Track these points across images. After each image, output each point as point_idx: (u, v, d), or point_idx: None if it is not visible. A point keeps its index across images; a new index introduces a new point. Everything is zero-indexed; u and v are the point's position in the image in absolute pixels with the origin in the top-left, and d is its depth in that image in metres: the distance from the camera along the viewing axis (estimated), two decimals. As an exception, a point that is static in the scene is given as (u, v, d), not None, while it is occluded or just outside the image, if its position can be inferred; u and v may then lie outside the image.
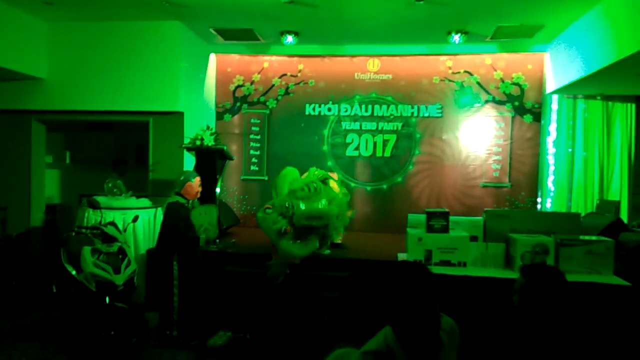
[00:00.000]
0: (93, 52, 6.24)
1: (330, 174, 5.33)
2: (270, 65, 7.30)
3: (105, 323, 3.88)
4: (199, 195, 4.61)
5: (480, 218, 4.64)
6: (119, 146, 7.98)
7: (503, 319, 2.65)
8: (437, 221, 4.34)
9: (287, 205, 4.59)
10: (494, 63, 6.89)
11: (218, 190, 5.49)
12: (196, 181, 4.54)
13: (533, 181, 6.88)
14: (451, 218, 4.44)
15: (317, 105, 7.21)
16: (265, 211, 4.73)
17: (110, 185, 5.79)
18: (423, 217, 4.50)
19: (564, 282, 2.03)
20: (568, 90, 6.47)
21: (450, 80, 6.98)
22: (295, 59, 7.23)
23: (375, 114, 7.10)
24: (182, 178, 4.52)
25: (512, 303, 2.21)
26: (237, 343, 4.21)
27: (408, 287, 1.65)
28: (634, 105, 6.57)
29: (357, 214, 6.73)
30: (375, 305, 1.72)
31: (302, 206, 4.64)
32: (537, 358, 1.99)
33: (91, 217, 5.45)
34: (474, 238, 4.47)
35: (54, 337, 4.48)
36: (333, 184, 5.15)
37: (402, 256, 4.53)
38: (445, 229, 4.32)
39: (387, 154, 7.06)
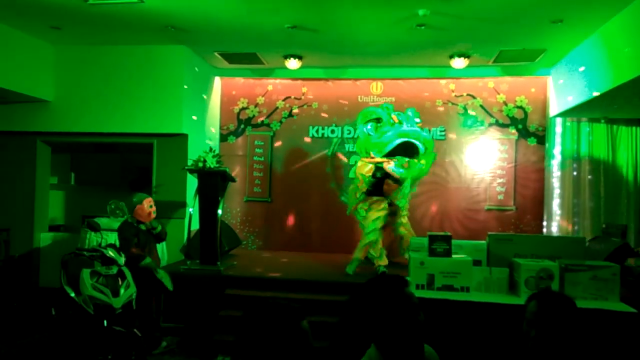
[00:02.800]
0: (99, 75, 6.33)
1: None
2: (275, 88, 7.37)
3: (103, 347, 3.83)
4: (153, 216, 4.80)
5: (483, 242, 4.57)
6: (124, 168, 8.03)
7: (508, 345, 2.59)
8: (440, 245, 4.28)
9: None
10: (497, 86, 6.91)
11: (220, 212, 5.48)
12: (145, 203, 4.74)
13: (538, 204, 6.81)
14: (454, 242, 4.38)
15: (320, 127, 7.24)
16: None
17: (112, 206, 5.79)
18: (426, 240, 4.45)
19: (576, 310, 1.98)
20: (572, 114, 6.46)
21: (453, 104, 6.99)
22: (299, 82, 7.29)
23: (378, 137, 7.09)
24: (134, 200, 4.75)
25: (517, 329, 2.15)
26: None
27: (386, 298, 1.65)
28: (638, 129, 6.53)
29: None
30: (362, 324, 1.70)
31: None
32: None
33: (93, 238, 5.47)
34: (477, 262, 4.39)
35: (52, 361, 4.43)
36: None
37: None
38: (448, 253, 4.26)
39: (391, 176, 7.03)
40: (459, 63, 6.20)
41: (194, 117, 6.60)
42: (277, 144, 7.34)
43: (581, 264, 4.09)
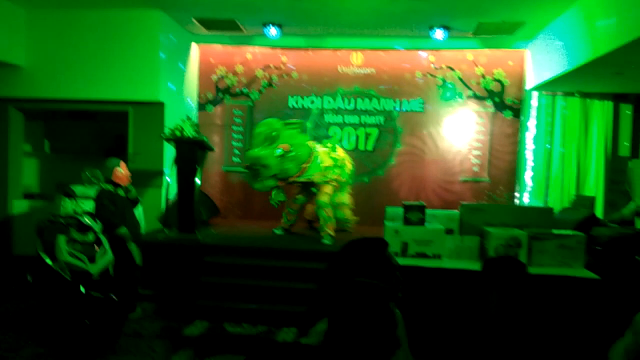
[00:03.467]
0: (72, 40, 6.15)
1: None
2: (254, 56, 7.27)
3: (80, 312, 3.86)
4: (130, 180, 4.86)
5: (456, 212, 4.70)
6: (100, 136, 7.88)
7: (470, 310, 2.71)
8: (414, 214, 4.39)
9: None
10: (476, 59, 6.95)
11: (198, 181, 5.47)
12: (122, 166, 4.81)
13: (511, 176, 6.98)
14: (428, 211, 4.49)
15: (300, 98, 7.21)
16: None
17: (88, 174, 5.70)
18: (401, 210, 4.54)
19: (523, 273, 2.08)
20: (547, 87, 6.56)
21: (432, 75, 7.02)
22: (279, 50, 7.21)
23: (358, 108, 7.13)
24: (109, 165, 4.78)
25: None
26: (214, 333, 4.23)
27: (370, 257, 1.77)
28: (611, 103, 6.69)
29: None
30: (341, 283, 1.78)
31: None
32: (499, 345, 2.04)
33: (68, 206, 5.40)
34: (450, 231, 4.52)
35: (29, 327, 4.45)
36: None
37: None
38: (421, 222, 4.37)
39: (370, 147, 7.10)
40: (438, 34, 6.20)
41: (171, 85, 6.49)
42: (256, 113, 7.29)
43: (548, 232, 4.24)
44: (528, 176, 6.86)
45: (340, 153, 5.98)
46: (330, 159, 5.74)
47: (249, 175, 5.33)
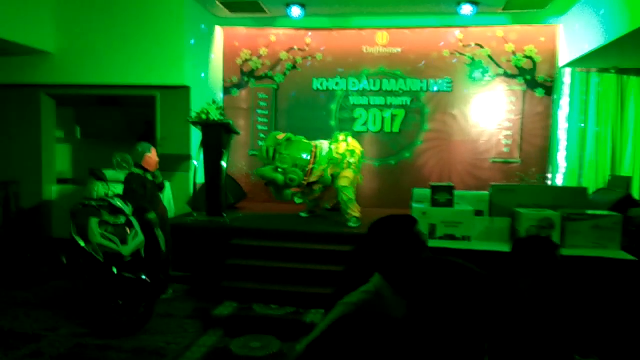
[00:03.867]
0: (100, 25, 6.22)
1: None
2: (278, 38, 7.22)
3: (113, 293, 3.97)
4: (157, 166, 4.87)
5: (486, 193, 4.61)
6: (129, 122, 8.02)
7: (502, 292, 2.64)
8: (442, 195, 4.32)
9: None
10: (506, 35, 6.73)
11: (224, 164, 5.51)
12: (153, 152, 4.80)
13: (544, 157, 6.78)
14: (457, 193, 4.43)
15: (324, 80, 7.13)
16: None
17: (119, 159, 5.82)
18: (428, 191, 4.49)
19: (554, 254, 2.01)
20: (581, 64, 6.30)
21: (460, 54, 6.83)
22: (303, 32, 7.13)
23: (383, 89, 7.01)
24: (140, 150, 4.75)
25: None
26: (243, 313, 4.28)
27: (397, 234, 1.77)
28: (649, 79, 6.39)
29: (365, 190, 6.72)
30: (369, 257, 1.79)
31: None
32: (527, 329, 1.99)
33: (100, 190, 5.54)
34: (479, 213, 4.45)
35: (65, 307, 4.60)
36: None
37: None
38: (449, 203, 4.31)
39: (396, 129, 6.99)
40: (467, 10, 6.02)
41: (196, 69, 6.52)
42: (281, 96, 7.26)
43: (582, 213, 4.13)
44: (561, 157, 6.65)
45: (351, 142, 5.75)
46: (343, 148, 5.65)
47: (272, 188, 5.52)
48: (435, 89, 6.90)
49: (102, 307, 3.96)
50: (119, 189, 5.35)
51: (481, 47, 6.77)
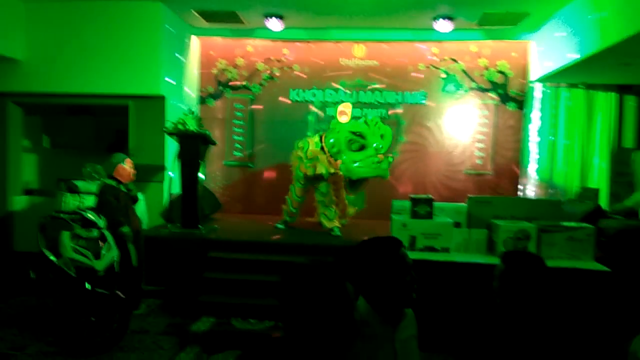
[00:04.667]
0: (71, 33, 6.07)
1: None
2: (255, 49, 7.19)
3: (85, 309, 3.81)
4: (133, 178, 4.75)
5: (463, 205, 4.66)
6: (99, 131, 7.80)
7: (484, 303, 2.66)
8: (422, 207, 4.34)
9: None
10: (480, 50, 6.89)
11: (202, 176, 5.41)
12: (127, 163, 4.68)
13: (515, 169, 6.94)
14: (435, 204, 4.46)
15: (301, 91, 7.14)
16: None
17: (89, 169, 5.64)
18: (407, 203, 4.50)
19: (543, 268, 2.03)
20: (551, 79, 6.51)
21: (435, 67, 6.96)
22: (280, 43, 7.13)
23: (360, 100, 7.06)
24: (113, 160, 4.64)
25: (493, 288, 2.22)
26: (221, 329, 4.19)
27: (384, 258, 1.72)
28: (615, 95, 6.64)
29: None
30: (352, 279, 1.75)
31: None
32: (516, 342, 2.00)
33: (70, 202, 5.34)
34: (457, 224, 4.49)
35: (32, 324, 4.40)
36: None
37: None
38: (429, 215, 4.33)
39: (372, 140, 7.02)
40: (442, 25, 6.14)
41: (171, 79, 6.41)
42: (258, 107, 7.22)
43: (557, 225, 4.21)
44: (532, 169, 6.83)
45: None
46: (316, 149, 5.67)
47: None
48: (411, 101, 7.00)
49: (73, 324, 3.80)
50: (90, 200, 5.19)
51: (455, 61, 6.92)
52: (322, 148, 5.55)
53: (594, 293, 3.83)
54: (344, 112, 5.54)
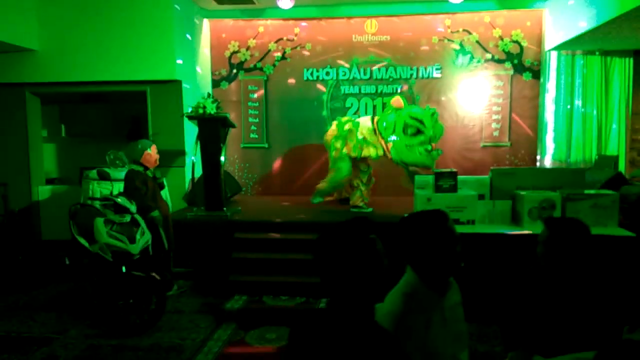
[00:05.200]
0: (85, 22, 6.08)
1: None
2: (266, 29, 7.16)
3: (123, 292, 3.93)
4: (157, 163, 4.83)
5: (486, 177, 4.70)
6: (115, 118, 7.86)
7: (520, 271, 2.73)
8: (446, 181, 4.40)
9: None
10: (493, 21, 6.82)
11: (223, 159, 5.47)
12: (153, 149, 4.76)
13: (532, 139, 6.93)
14: (458, 178, 4.50)
15: (315, 70, 7.12)
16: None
17: (112, 157, 5.74)
18: (430, 177, 4.56)
19: (588, 235, 2.08)
20: (567, 47, 6.45)
21: (449, 40, 6.91)
22: (291, 22, 7.08)
23: (374, 77, 7.05)
24: (139, 147, 4.69)
25: (524, 256, 2.27)
26: (254, 306, 4.30)
27: (435, 230, 1.74)
28: (631, 60, 6.58)
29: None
30: (401, 253, 1.80)
31: None
32: (561, 306, 2.07)
33: (96, 189, 5.45)
34: (481, 197, 4.54)
35: (70, 308, 4.54)
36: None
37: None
38: (453, 189, 4.39)
39: (387, 117, 7.03)
40: (455, -3, 6.07)
41: (186, 63, 6.43)
42: (271, 88, 7.23)
43: (581, 193, 4.26)
44: (549, 138, 6.82)
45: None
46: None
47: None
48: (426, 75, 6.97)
49: (113, 306, 3.92)
50: (114, 187, 5.30)
51: (469, 32, 6.86)
52: (374, 130, 5.59)
53: (621, 257, 3.89)
54: (399, 103, 5.55)
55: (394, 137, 5.44)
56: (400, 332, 1.64)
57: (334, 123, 5.99)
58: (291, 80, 7.17)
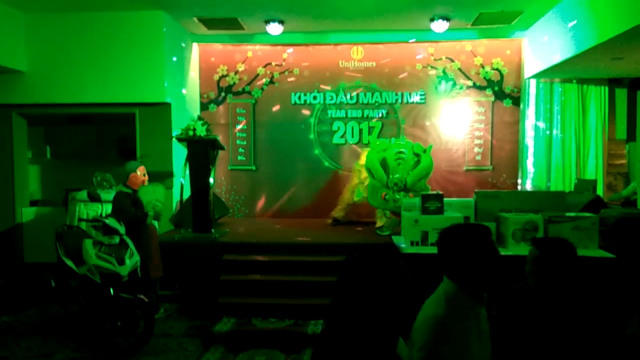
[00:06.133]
0: (74, 44, 6.12)
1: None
2: (254, 54, 7.30)
3: (111, 314, 3.89)
4: (145, 184, 4.88)
5: (470, 199, 4.82)
6: (100, 140, 7.85)
7: (504, 289, 2.81)
8: (432, 203, 4.49)
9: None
10: (474, 49, 7.08)
11: (212, 180, 5.50)
12: (140, 170, 4.77)
13: (513, 163, 7.13)
14: (444, 200, 4.61)
15: (302, 94, 7.26)
16: (385, 198, 5.71)
17: (99, 178, 5.74)
18: (416, 200, 4.65)
19: (575, 254, 2.18)
20: (545, 75, 6.71)
21: (432, 67, 7.13)
22: (279, 47, 7.24)
23: (360, 102, 7.21)
24: (127, 168, 4.73)
25: (508, 278, 2.33)
26: (243, 329, 4.29)
27: (482, 244, 1.77)
28: (607, 88, 6.88)
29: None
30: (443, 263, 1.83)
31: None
32: (549, 324, 2.15)
33: (83, 210, 5.42)
34: (466, 218, 4.64)
35: (55, 332, 4.46)
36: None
37: (397, 239, 4.67)
38: (440, 211, 4.48)
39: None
40: (439, 26, 6.30)
41: (175, 86, 6.50)
42: (259, 111, 7.33)
43: (563, 215, 4.38)
44: (530, 162, 7.02)
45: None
46: None
47: None
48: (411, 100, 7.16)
49: (100, 329, 3.87)
50: (100, 209, 5.27)
51: (452, 60, 7.09)
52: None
53: (601, 278, 4.00)
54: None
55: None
56: (440, 337, 1.66)
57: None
58: (279, 104, 7.28)
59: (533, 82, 6.99)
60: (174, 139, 5.73)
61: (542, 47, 6.34)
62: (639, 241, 5.10)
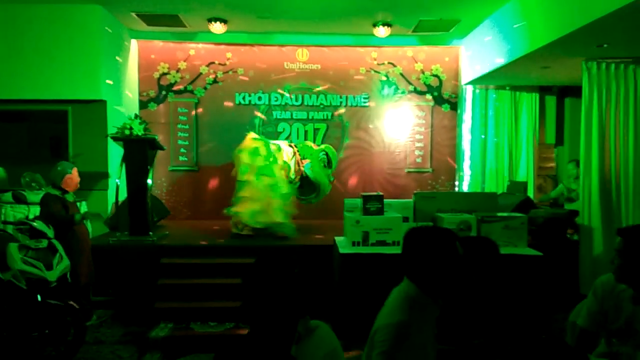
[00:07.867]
0: (6, 37, 5.78)
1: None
2: (197, 53, 7.15)
3: (38, 322, 3.68)
4: (78, 186, 4.66)
5: (410, 200, 4.95)
6: (32, 138, 7.39)
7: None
8: (373, 204, 4.57)
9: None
10: (415, 55, 7.29)
11: (150, 182, 5.33)
12: (74, 172, 4.57)
13: (451, 166, 7.40)
14: (385, 201, 4.71)
15: (247, 95, 7.19)
16: None
17: (28, 179, 5.40)
18: (358, 201, 4.72)
19: (497, 252, 2.28)
20: (480, 82, 7.02)
21: (375, 71, 7.27)
22: (223, 47, 7.14)
23: (305, 104, 7.23)
24: (59, 169, 4.51)
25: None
26: (181, 334, 4.18)
27: (447, 247, 1.83)
28: (537, 95, 7.29)
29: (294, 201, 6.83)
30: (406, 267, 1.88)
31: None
32: (470, 318, 2.23)
33: (9, 213, 5.10)
34: (405, 219, 4.77)
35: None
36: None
37: (339, 239, 4.72)
38: (380, 211, 4.57)
39: (319, 142, 7.21)
40: (381, 32, 6.44)
41: (111, 82, 6.25)
42: (202, 111, 7.18)
43: (495, 215, 4.60)
44: (466, 165, 7.31)
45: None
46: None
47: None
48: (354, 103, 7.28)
49: (26, 338, 3.64)
50: (29, 211, 4.97)
51: (394, 65, 7.27)
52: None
53: (529, 275, 4.23)
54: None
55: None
56: (401, 341, 1.69)
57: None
58: (223, 104, 7.18)
59: (469, 88, 7.29)
60: (108, 138, 5.50)
61: (477, 54, 6.62)
62: (566, 240, 5.45)
